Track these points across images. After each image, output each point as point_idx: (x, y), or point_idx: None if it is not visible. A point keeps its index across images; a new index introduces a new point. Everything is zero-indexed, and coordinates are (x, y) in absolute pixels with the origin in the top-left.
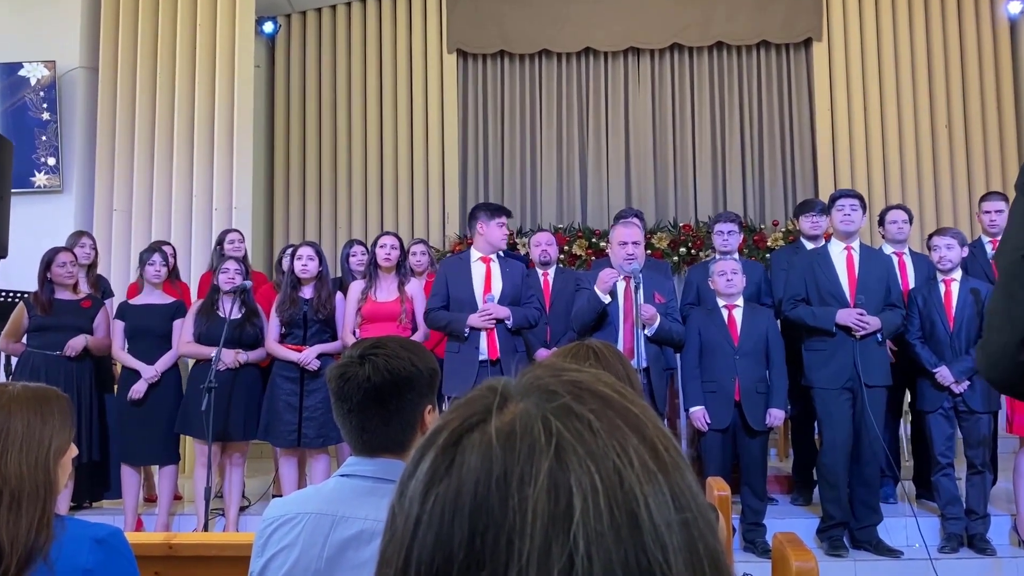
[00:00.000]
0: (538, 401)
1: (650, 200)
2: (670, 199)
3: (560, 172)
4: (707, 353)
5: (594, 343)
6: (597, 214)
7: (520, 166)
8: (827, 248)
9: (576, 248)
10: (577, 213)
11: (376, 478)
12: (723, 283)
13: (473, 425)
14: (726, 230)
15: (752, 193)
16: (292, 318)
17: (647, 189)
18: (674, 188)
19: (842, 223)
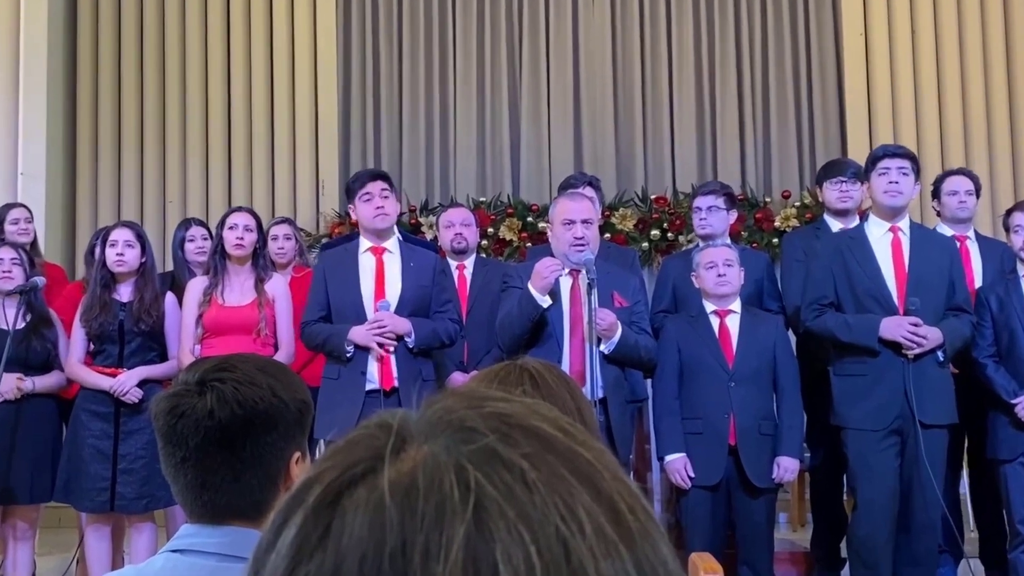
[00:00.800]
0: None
1: (609, 162)
2: (637, 161)
3: (481, 123)
4: (690, 378)
5: (531, 364)
6: (534, 182)
7: (425, 115)
8: (863, 229)
9: (504, 230)
10: (506, 181)
11: (222, 554)
12: (712, 279)
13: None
14: (705, 205)
15: (754, 153)
16: (103, 329)
17: (605, 147)
18: (643, 145)
19: (887, 194)
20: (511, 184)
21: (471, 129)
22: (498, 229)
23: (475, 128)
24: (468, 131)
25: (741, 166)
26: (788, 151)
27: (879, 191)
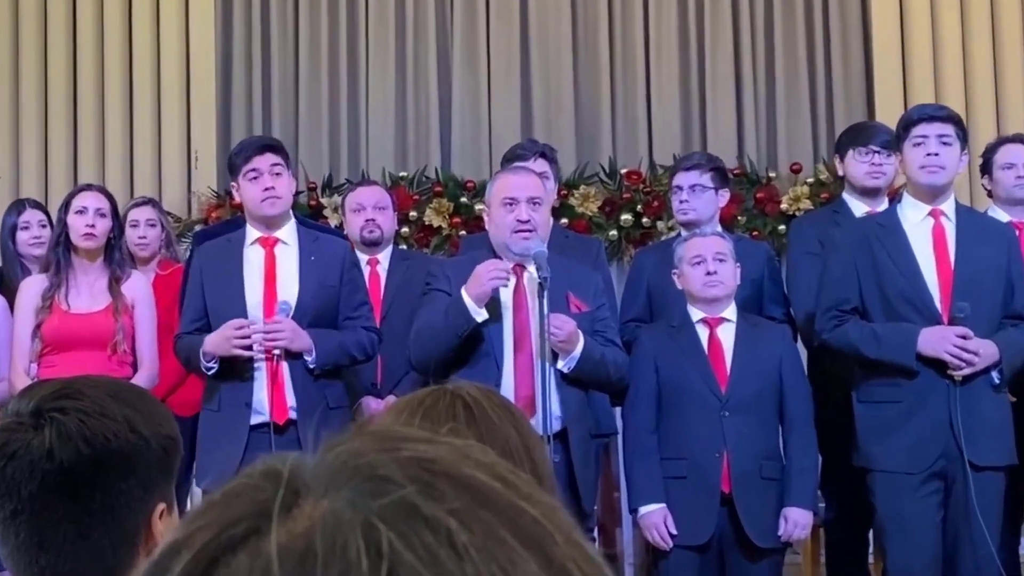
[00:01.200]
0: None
1: (566, 127)
2: (603, 124)
3: (401, 77)
4: (671, 407)
5: (465, 390)
6: (469, 152)
7: (328, 67)
8: (896, 214)
9: (431, 214)
10: (433, 151)
11: None
12: (699, 278)
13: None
14: (687, 183)
15: (754, 115)
16: None
17: (560, 107)
18: (611, 105)
19: (924, 170)
20: (440, 155)
21: (387, 85)
22: (423, 213)
23: (393, 83)
24: (384, 87)
25: (738, 132)
26: (798, 113)
27: (914, 166)
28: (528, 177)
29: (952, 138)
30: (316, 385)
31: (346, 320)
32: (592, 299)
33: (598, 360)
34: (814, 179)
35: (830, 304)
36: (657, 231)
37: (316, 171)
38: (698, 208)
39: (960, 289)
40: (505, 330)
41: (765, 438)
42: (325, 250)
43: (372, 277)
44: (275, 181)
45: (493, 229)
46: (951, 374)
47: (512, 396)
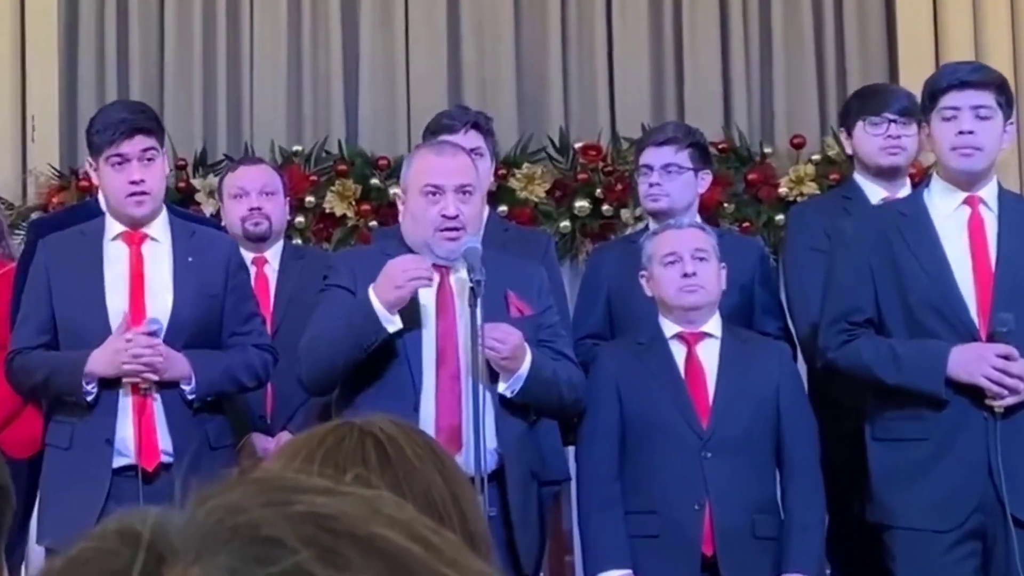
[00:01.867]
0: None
1: (506, 90)
2: (552, 88)
3: (294, 29)
4: (639, 446)
5: (378, 425)
6: (383, 121)
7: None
8: (922, 200)
9: (333, 199)
10: (335, 120)
11: None
12: (673, 282)
13: None
14: (658, 163)
15: (744, 78)
16: None
17: (499, 65)
18: (561, 64)
19: (956, 153)
20: (344, 125)
21: (277, 37)
22: (322, 198)
23: (284, 36)
24: (272, 41)
25: (724, 98)
26: (801, 73)
27: (944, 147)
28: (456, 158)
29: (992, 109)
30: (195, 420)
31: (233, 336)
32: (536, 300)
33: (549, 379)
34: (821, 156)
35: (838, 314)
36: (620, 222)
37: (186, 145)
38: (672, 194)
39: (1003, 296)
40: (425, 340)
41: (758, 486)
42: (205, 249)
43: (259, 280)
44: (145, 171)
45: (409, 222)
46: (990, 404)
47: (433, 425)
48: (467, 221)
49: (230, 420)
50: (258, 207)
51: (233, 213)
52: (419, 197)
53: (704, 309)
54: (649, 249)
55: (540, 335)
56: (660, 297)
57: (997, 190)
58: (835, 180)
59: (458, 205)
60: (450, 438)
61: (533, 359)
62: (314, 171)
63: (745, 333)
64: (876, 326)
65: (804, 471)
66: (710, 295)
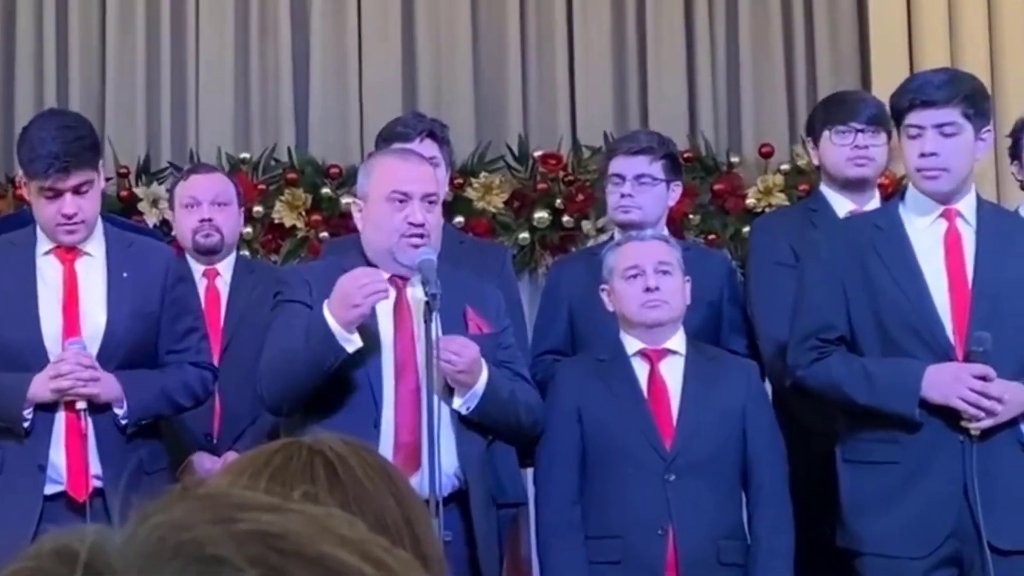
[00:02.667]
0: None
1: (463, 98)
2: (511, 94)
3: (241, 30)
4: (600, 468)
5: (327, 444)
6: (334, 128)
7: (146, 18)
8: (897, 213)
9: (282, 209)
10: (284, 126)
11: None
12: (635, 297)
13: None
14: (631, 173)
15: (710, 83)
16: None
17: (456, 71)
18: (520, 69)
19: (920, 174)
20: (293, 131)
21: (224, 38)
22: (271, 207)
23: (230, 39)
24: (219, 43)
25: (690, 105)
26: (770, 81)
27: (910, 167)
28: (422, 167)
29: (958, 125)
30: (128, 445)
31: (169, 354)
32: (494, 320)
33: (506, 398)
34: (790, 166)
35: (809, 331)
36: (581, 234)
37: (129, 152)
38: (644, 206)
39: (980, 315)
40: (384, 356)
41: (723, 510)
42: (142, 262)
43: (210, 294)
44: (79, 202)
45: (371, 231)
46: (966, 427)
47: (391, 444)
48: (431, 229)
49: (169, 441)
50: (209, 218)
51: (184, 224)
52: (384, 204)
53: (668, 325)
54: (610, 262)
55: (498, 355)
56: (622, 312)
57: (975, 202)
58: (805, 191)
59: (424, 213)
60: (409, 455)
61: (490, 376)
62: (262, 180)
63: (711, 350)
64: (848, 344)
65: (772, 495)
66: (674, 310)
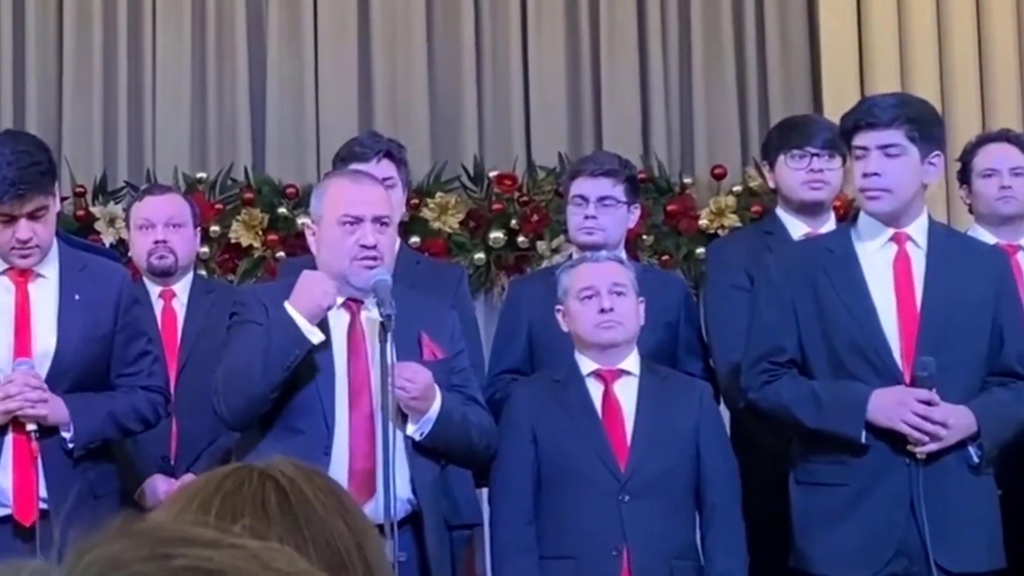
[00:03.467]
0: None
1: (419, 118)
2: (466, 114)
3: (198, 50)
4: (555, 488)
5: (278, 468)
6: (290, 147)
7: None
8: (849, 236)
9: (239, 229)
10: (240, 145)
11: None
12: (590, 318)
13: None
14: (595, 195)
15: (663, 105)
16: None
17: (412, 92)
18: (476, 89)
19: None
20: (250, 151)
21: (181, 58)
22: (227, 227)
23: (187, 59)
24: (176, 63)
25: (643, 126)
26: (722, 103)
27: (855, 186)
28: (374, 189)
29: (902, 147)
30: (77, 469)
31: (120, 377)
32: (449, 343)
33: (459, 423)
34: (742, 187)
35: (761, 354)
36: (537, 254)
37: (85, 171)
38: (607, 228)
39: (928, 339)
40: (338, 381)
41: (677, 531)
42: (95, 284)
43: (166, 315)
44: (33, 228)
45: (324, 253)
46: (913, 449)
47: (345, 469)
48: (384, 251)
49: (125, 464)
50: (163, 240)
51: (139, 245)
52: (336, 227)
53: (622, 346)
54: (565, 283)
55: (452, 379)
56: (576, 333)
57: (927, 225)
58: (757, 212)
59: (376, 236)
60: (363, 482)
61: (443, 402)
62: (219, 199)
63: (664, 371)
64: (800, 366)
65: (725, 515)
66: (628, 331)
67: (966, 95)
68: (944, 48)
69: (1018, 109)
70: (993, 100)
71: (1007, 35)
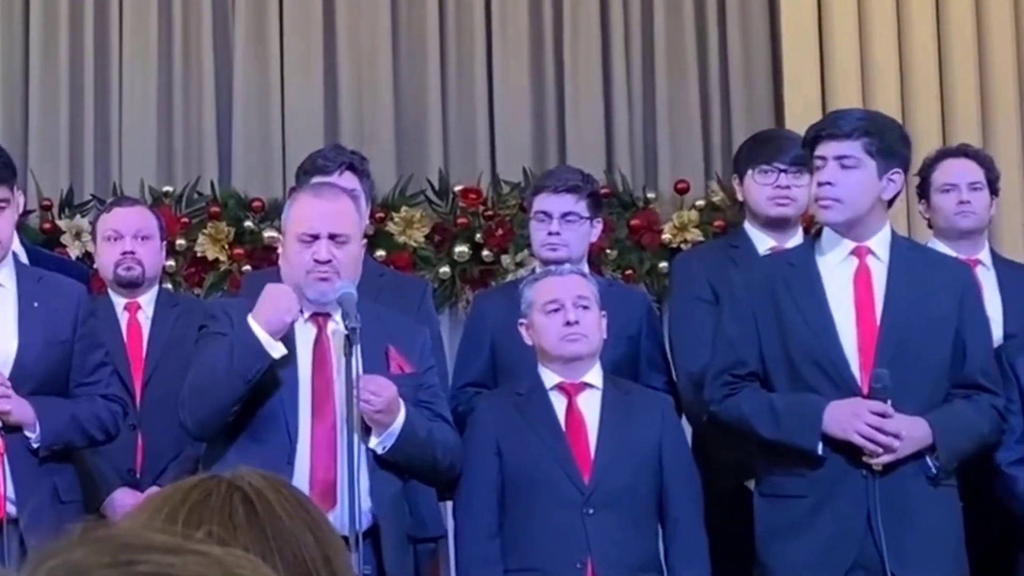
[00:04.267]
0: None
1: (384, 132)
2: (431, 128)
3: (165, 63)
4: (519, 501)
5: (246, 479)
6: (257, 161)
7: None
8: (811, 251)
9: (205, 242)
10: (207, 159)
11: None
12: (554, 331)
13: None
14: (558, 211)
15: (627, 119)
16: None
17: (377, 105)
18: (441, 104)
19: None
20: (216, 164)
21: (148, 71)
22: (194, 241)
23: (154, 69)
24: (142, 77)
25: (607, 142)
26: (685, 117)
27: (812, 196)
28: (335, 203)
29: (857, 159)
30: (42, 470)
31: (80, 386)
32: (418, 359)
33: (423, 439)
34: (705, 202)
35: (723, 367)
36: (501, 268)
37: (52, 184)
38: (571, 244)
39: (886, 352)
40: (302, 392)
41: (640, 543)
42: (52, 294)
43: (132, 328)
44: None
45: (285, 266)
46: (869, 460)
47: (308, 481)
48: (341, 266)
49: (92, 476)
50: (131, 251)
51: (106, 256)
52: (295, 243)
53: (586, 359)
54: (529, 296)
55: (419, 395)
56: (540, 346)
57: (890, 239)
58: (720, 227)
59: (331, 250)
60: (324, 493)
61: (407, 416)
62: (185, 213)
63: (627, 384)
64: (761, 379)
65: (687, 528)
66: (592, 345)
67: (926, 111)
68: (905, 63)
69: (978, 125)
70: (953, 115)
71: (967, 53)
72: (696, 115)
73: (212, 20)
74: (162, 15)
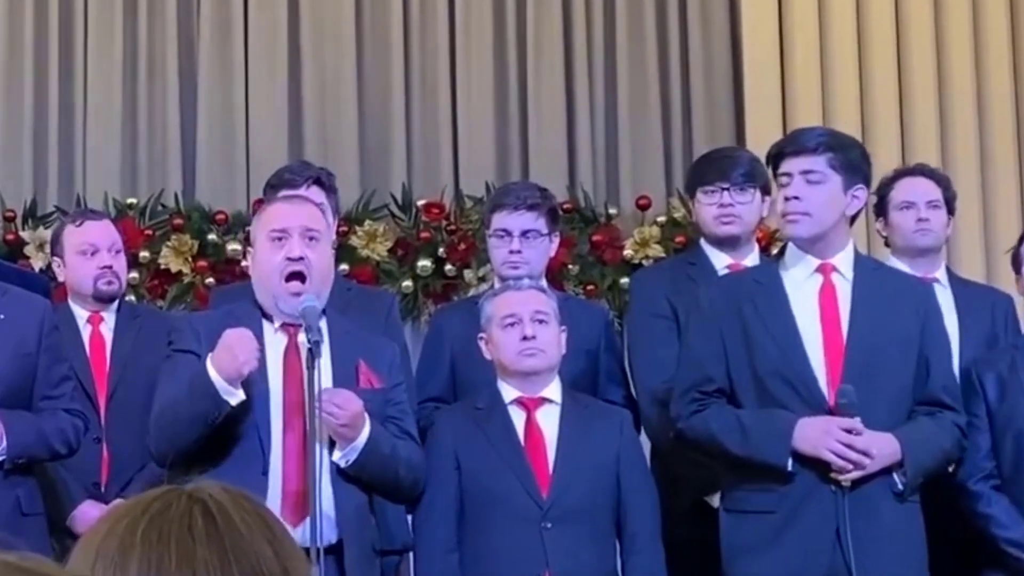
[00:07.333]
0: None
1: (348, 146)
2: (395, 143)
3: (129, 75)
4: (477, 515)
5: (207, 492)
6: (221, 173)
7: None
8: (776, 268)
9: (168, 255)
10: (171, 171)
11: None
12: (512, 345)
13: None
14: (518, 228)
15: (589, 134)
16: None
17: (341, 120)
18: (404, 119)
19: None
20: (180, 177)
21: (111, 83)
22: (157, 253)
23: (119, 81)
24: (106, 88)
25: (569, 155)
26: (647, 133)
27: (779, 212)
28: (303, 206)
29: (823, 174)
30: (6, 483)
31: (44, 400)
32: (387, 375)
33: (387, 454)
34: (667, 218)
35: (690, 384)
36: (464, 282)
37: (15, 195)
38: (532, 261)
39: (853, 368)
40: (273, 403)
41: (598, 558)
42: (16, 308)
43: (94, 340)
44: None
45: (256, 273)
46: (836, 477)
47: (279, 492)
48: (312, 267)
49: (50, 490)
50: (109, 265)
51: (82, 270)
52: (266, 243)
53: (544, 374)
54: (488, 311)
55: (388, 411)
56: (499, 360)
57: (853, 256)
58: (681, 243)
59: (303, 249)
60: (296, 503)
61: (372, 432)
62: (149, 225)
63: (585, 399)
64: (728, 396)
65: (644, 543)
66: (550, 359)
67: (886, 129)
68: (865, 84)
69: (937, 144)
70: (912, 134)
71: (927, 74)
72: (658, 131)
73: (177, 33)
74: (127, 28)
